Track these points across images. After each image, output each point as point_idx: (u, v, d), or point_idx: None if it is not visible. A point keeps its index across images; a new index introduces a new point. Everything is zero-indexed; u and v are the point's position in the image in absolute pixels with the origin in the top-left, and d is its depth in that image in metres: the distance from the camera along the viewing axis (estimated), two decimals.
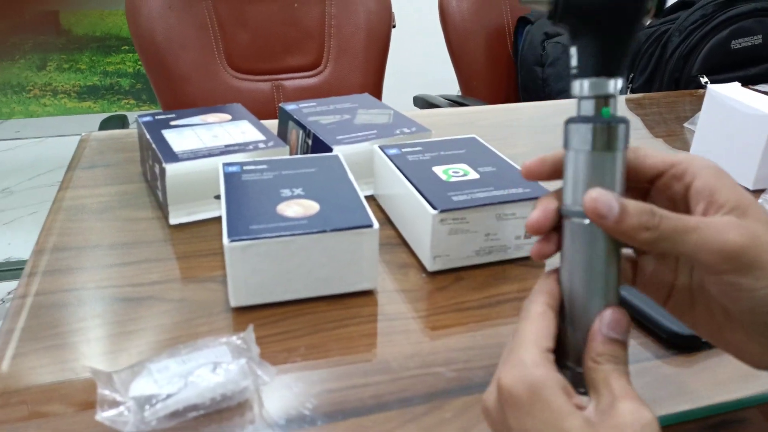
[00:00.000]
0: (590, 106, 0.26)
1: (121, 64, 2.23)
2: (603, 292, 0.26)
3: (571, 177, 0.27)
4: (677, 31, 1.04)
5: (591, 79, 0.26)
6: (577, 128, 0.27)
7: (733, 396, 0.36)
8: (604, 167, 0.26)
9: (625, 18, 0.25)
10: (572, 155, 0.27)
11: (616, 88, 0.26)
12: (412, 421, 0.33)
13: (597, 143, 0.26)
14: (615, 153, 0.26)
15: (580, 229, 0.26)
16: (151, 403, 0.31)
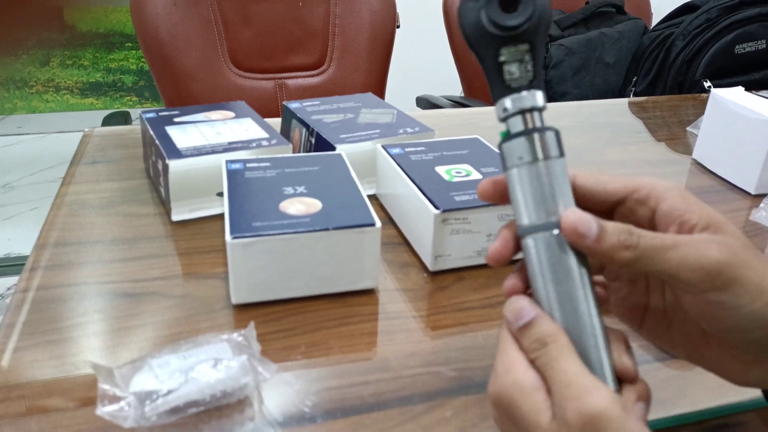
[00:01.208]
0: (518, 121, 0.27)
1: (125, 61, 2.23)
2: (583, 299, 0.26)
3: (520, 195, 0.27)
4: (681, 35, 1.04)
5: (512, 95, 0.27)
6: (511, 145, 0.27)
7: (732, 399, 0.36)
8: (550, 176, 0.26)
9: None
10: (515, 173, 0.27)
11: (536, 101, 0.27)
12: (411, 419, 0.33)
13: (536, 153, 0.26)
14: (554, 160, 0.26)
15: (541, 243, 0.26)
16: (151, 399, 0.31)
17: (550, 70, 1.14)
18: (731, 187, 0.64)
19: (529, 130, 0.27)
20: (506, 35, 0.26)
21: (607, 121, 0.82)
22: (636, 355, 0.38)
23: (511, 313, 0.26)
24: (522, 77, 0.26)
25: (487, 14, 0.26)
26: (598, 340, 0.26)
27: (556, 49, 1.12)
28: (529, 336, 0.25)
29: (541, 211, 0.26)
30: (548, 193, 0.26)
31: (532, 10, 0.25)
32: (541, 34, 0.26)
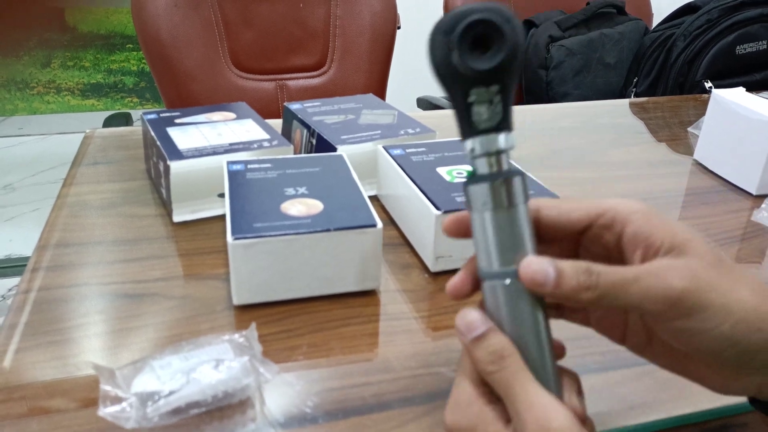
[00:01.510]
0: (484, 163, 0.26)
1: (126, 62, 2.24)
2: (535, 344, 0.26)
3: (482, 239, 0.26)
4: (682, 35, 1.04)
5: (480, 137, 0.26)
6: (476, 189, 0.26)
7: (734, 400, 0.35)
8: (513, 223, 0.26)
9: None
10: (478, 217, 0.26)
11: (504, 143, 0.26)
12: (413, 420, 0.33)
13: (501, 200, 0.26)
14: (517, 207, 0.26)
15: (499, 289, 0.26)
16: (153, 400, 0.31)
17: (550, 71, 1.14)
18: (732, 188, 0.64)
19: (495, 175, 0.26)
20: (477, 76, 0.25)
21: (608, 122, 0.82)
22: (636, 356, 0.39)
23: (463, 325, 0.26)
24: (491, 119, 0.26)
25: (458, 53, 0.25)
26: (551, 384, 0.26)
27: (556, 50, 1.13)
28: (483, 348, 0.25)
29: (502, 258, 0.26)
30: (510, 241, 0.26)
31: (506, 52, 0.24)
32: (514, 75, 0.25)
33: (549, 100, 1.15)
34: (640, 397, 0.35)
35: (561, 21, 1.16)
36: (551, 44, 1.13)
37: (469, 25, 0.24)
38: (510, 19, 0.25)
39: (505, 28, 0.24)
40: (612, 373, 0.37)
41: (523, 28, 0.26)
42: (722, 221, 0.57)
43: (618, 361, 0.38)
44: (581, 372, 0.37)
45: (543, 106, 0.90)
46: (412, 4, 1.59)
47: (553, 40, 1.14)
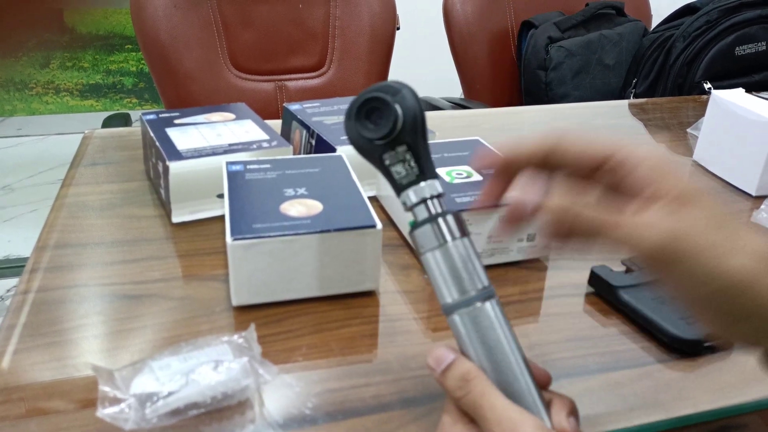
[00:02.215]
0: (420, 210, 0.30)
1: (124, 63, 2.23)
2: (505, 364, 0.28)
3: (438, 276, 0.29)
4: (681, 36, 1.04)
5: (407, 191, 0.30)
6: (418, 233, 0.30)
7: (733, 401, 0.35)
8: (460, 255, 0.29)
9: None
10: (429, 257, 0.29)
11: (429, 191, 0.30)
12: (413, 421, 0.33)
13: (443, 236, 0.29)
14: (459, 240, 0.29)
15: (465, 317, 0.28)
16: (152, 401, 0.31)
17: (549, 72, 1.14)
18: (732, 189, 0.64)
19: (431, 218, 0.29)
20: (379, 144, 0.30)
21: (608, 123, 0.82)
22: (637, 356, 0.39)
23: (433, 361, 0.28)
24: (409, 174, 0.30)
25: (358, 129, 0.30)
26: (531, 389, 0.28)
27: (556, 50, 1.13)
28: (450, 377, 0.27)
29: (460, 288, 0.29)
30: (462, 270, 0.29)
31: (393, 120, 0.29)
32: (417, 133, 0.29)
33: (548, 101, 1.15)
34: (640, 398, 0.35)
35: (560, 22, 1.17)
36: (550, 45, 1.13)
37: (360, 105, 0.30)
38: (398, 92, 0.29)
39: (390, 99, 0.29)
40: (612, 373, 0.37)
41: (415, 95, 0.30)
42: None
43: (618, 362, 0.38)
44: (581, 373, 0.37)
45: (542, 107, 0.90)
46: (411, 5, 1.59)
47: (552, 41, 1.14)
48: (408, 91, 0.30)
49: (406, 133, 0.29)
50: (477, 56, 1.21)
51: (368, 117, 0.30)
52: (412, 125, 0.29)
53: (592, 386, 0.36)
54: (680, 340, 0.38)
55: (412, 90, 0.30)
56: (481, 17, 1.19)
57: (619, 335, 0.41)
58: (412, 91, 0.30)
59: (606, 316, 0.43)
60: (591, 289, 0.45)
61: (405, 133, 0.29)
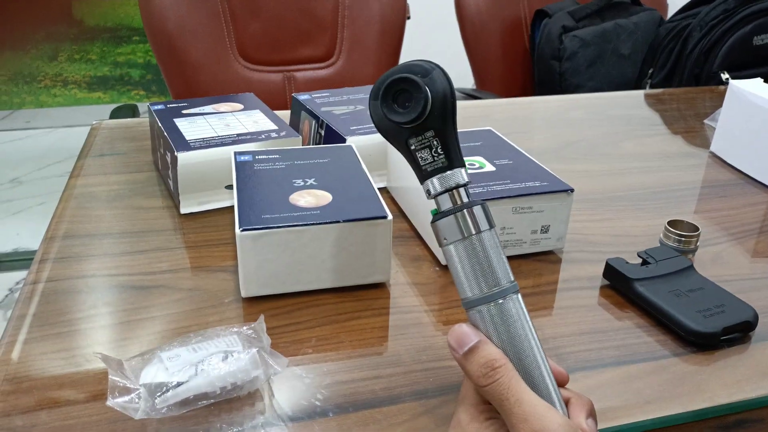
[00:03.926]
0: (444, 199, 0.29)
1: (132, 55, 2.24)
2: (529, 360, 0.27)
3: (460, 270, 0.28)
4: (698, 26, 1.02)
5: (432, 178, 0.28)
6: (441, 224, 0.28)
7: (751, 395, 0.35)
8: (484, 249, 0.28)
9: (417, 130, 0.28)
10: (451, 249, 0.28)
11: (459, 178, 0.28)
12: (424, 413, 0.33)
13: (467, 229, 0.28)
14: (484, 234, 0.28)
15: (486, 313, 0.28)
16: (161, 391, 0.31)
17: (564, 62, 1.12)
18: (750, 181, 0.62)
19: (456, 208, 0.28)
20: (406, 128, 0.28)
21: (623, 114, 0.80)
22: (653, 349, 0.38)
23: (455, 341, 0.27)
24: (435, 161, 0.28)
25: (384, 112, 0.28)
26: (553, 387, 0.28)
27: (570, 40, 1.11)
28: (475, 361, 0.26)
29: (485, 283, 0.28)
30: (487, 265, 0.28)
31: (422, 104, 0.27)
32: (446, 117, 0.28)
33: (562, 92, 1.14)
34: (656, 392, 0.35)
35: (574, 11, 1.15)
36: (564, 35, 1.11)
37: (388, 85, 0.28)
38: (428, 72, 0.27)
39: (420, 81, 0.27)
40: (628, 367, 0.36)
41: (445, 76, 0.28)
42: (739, 214, 0.56)
43: (634, 355, 0.37)
44: (596, 366, 0.36)
45: (556, 98, 0.89)
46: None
47: (567, 30, 1.12)
48: (439, 72, 0.28)
49: (434, 117, 0.28)
50: (489, 46, 1.19)
51: (395, 98, 0.28)
52: (441, 110, 0.28)
53: (607, 379, 0.35)
54: (697, 334, 0.38)
55: (443, 71, 0.28)
56: (493, 6, 1.17)
57: (634, 328, 0.40)
58: (443, 72, 0.28)
59: (621, 309, 0.42)
60: (606, 281, 0.44)
61: (434, 117, 0.28)
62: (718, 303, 0.40)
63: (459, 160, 0.29)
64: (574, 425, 0.24)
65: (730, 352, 0.38)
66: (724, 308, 0.39)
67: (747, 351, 0.38)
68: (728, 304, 0.40)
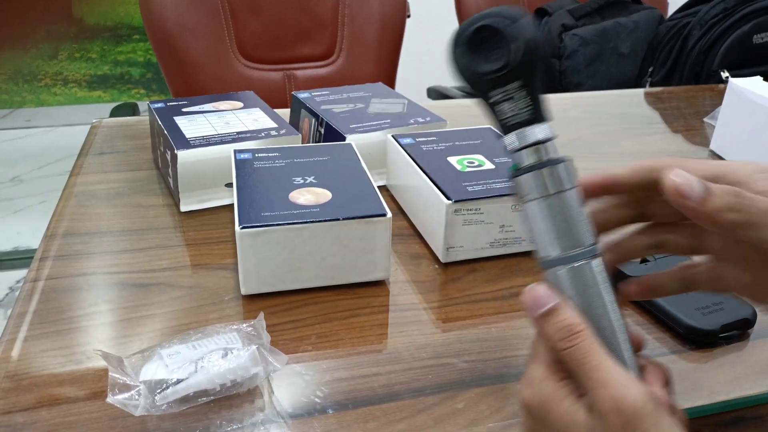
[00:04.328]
0: (525, 155, 0.27)
1: (132, 54, 2.24)
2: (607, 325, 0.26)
3: (539, 228, 0.27)
4: (698, 24, 1.02)
5: (514, 132, 0.27)
6: (521, 180, 0.27)
7: (750, 392, 0.35)
8: (565, 209, 0.26)
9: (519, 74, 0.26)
10: (530, 208, 0.27)
11: (542, 134, 0.27)
12: (423, 411, 0.33)
13: (547, 188, 0.26)
14: (566, 193, 0.26)
15: (566, 275, 0.26)
16: (161, 388, 0.31)
17: (564, 61, 1.12)
18: None
19: (537, 165, 0.27)
20: (489, 78, 0.26)
21: (622, 112, 0.80)
22: (651, 347, 0.38)
23: (530, 300, 0.26)
24: (520, 114, 0.26)
25: (468, 60, 0.26)
26: (630, 355, 0.26)
27: (570, 39, 1.11)
28: (552, 324, 0.25)
29: (566, 243, 0.26)
30: (570, 224, 0.26)
31: (508, 53, 0.25)
32: (536, 68, 0.26)
33: (562, 90, 1.14)
34: None
35: (574, 9, 1.14)
36: (564, 33, 1.11)
37: (474, 31, 0.26)
38: (516, 19, 0.25)
39: (509, 29, 0.25)
40: None
41: (534, 24, 0.26)
42: None
43: None
44: None
45: (555, 96, 0.89)
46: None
47: (566, 29, 1.12)
48: (528, 18, 0.26)
49: (522, 67, 0.25)
50: None
51: (479, 46, 0.26)
52: (529, 59, 0.26)
53: None
54: (695, 331, 0.38)
55: (531, 17, 0.26)
56: (493, 4, 1.17)
57: (632, 325, 0.40)
58: (532, 18, 0.26)
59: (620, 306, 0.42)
60: None
61: (521, 67, 0.25)
62: (716, 300, 0.40)
63: (544, 114, 0.27)
64: (651, 394, 0.23)
65: (729, 350, 0.38)
66: (723, 306, 0.39)
67: (745, 348, 0.38)
68: (726, 301, 0.40)
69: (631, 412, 0.22)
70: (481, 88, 0.27)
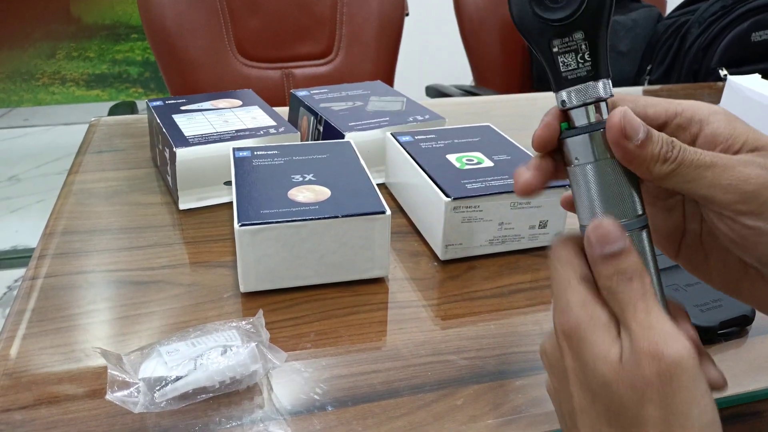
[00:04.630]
0: (579, 114, 0.25)
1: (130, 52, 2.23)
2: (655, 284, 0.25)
3: (584, 193, 0.25)
4: (696, 22, 1.02)
5: (571, 88, 0.25)
6: (572, 142, 0.25)
7: (747, 388, 0.35)
8: (617, 174, 0.25)
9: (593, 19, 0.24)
10: (588, 169, 0.25)
11: (602, 91, 0.25)
12: (422, 407, 0.33)
13: (599, 151, 0.25)
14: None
15: None
16: (160, 385, 0.31)
17: None
18: None
19: (594, 126, 0.25)
20: (554, 26, 0.25)
21: None
22: None
23: (598, 237, 0.24)
24: (580, 68, 0.25)
25: (532, 5, 0.25)
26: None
27: None
28: (613, 265, 0.23)
29: (616, 212, 0.25)
30: (621, 192, 0.25)
31: (579, 0, 0.24)
32: (601, 19, 0.24)
33: None
34: None
35: None
36: None
37: None
38: None
39: None
40: None
41: None
42: None
43: None
44: None
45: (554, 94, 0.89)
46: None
47: None
48: None
49: (589, 16, 0.24)
50: (488, 42, 1.19)
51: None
52: (598, 9, 0.24)
53: None
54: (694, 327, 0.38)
55: None
56: (492, 2, 1.17)
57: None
58: None
59: None
60: None
61: (588, 16, 0.24)
62: (715, 297, 0.40)
63: (606, 70, 0.25)
64: (696, 352, 0.22)
65: (727, 346, 0.38)
66: (721, 302, 0.39)
67: (744, 345, 0.38)
68: (725, 298, 0.40)
69: (670, 362, 0.21)
70: (542, 36, 0.25)
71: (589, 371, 0.23)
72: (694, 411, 0.21)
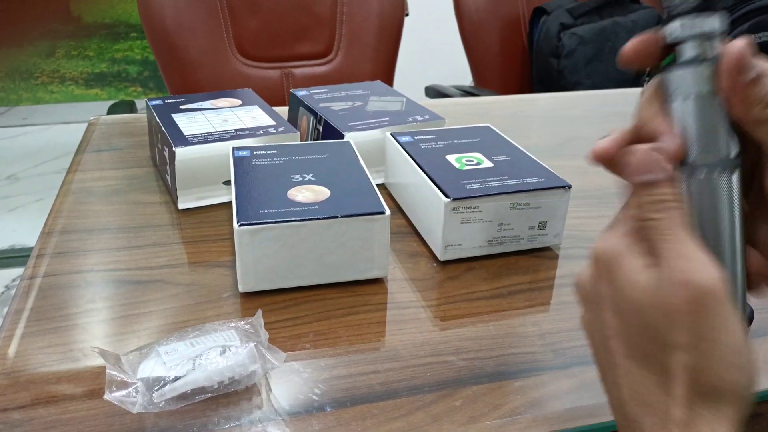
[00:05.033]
0: (686, 48, 0.24)
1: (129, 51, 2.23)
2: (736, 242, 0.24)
3: (690, 128, 0.24)
4: None
5: (686, 17, 0.24)
6: (681, 74, 0.24)
7: None
8: (720, 109, 0.24)
9: None
10: (690, 103, 0.24)
11: (711, 25, 0.24)
12: (421, 408, 0.33)
13: (706, 85, 0.24)
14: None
15: (708, 180, 0.24)
16: (159, 385, 0.31)
17: (562, 60, 1.12)
18: None
19: (701, 58, 0.24)
20: None
21: (621, 111, 0.81)
22: None
23: (638, 162, 0.23)
24: (687, 0, 0.24)
25: None
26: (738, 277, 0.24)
27: (568, 38, 1.11)
28: (652, 193, 0.23)
29: (714, 147, 0.24)
30: (713, 131, 0.24)
31: None
32: None
33: (560, 89, 1.14)
34: None
35: (573, 8, 1.15)
36: (563, 32, 1.12)
37: None
38: None
39: None
40: None
41: None
42: None
43: None
44: (584, 363, 0.37)
45: (554, 95, 0.89)
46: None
47: (565, 27, 1.12)
48: None
49: None
50: (488, 43, 1.19)
51: None
52: None
53: (596, 377, 0.35)
54: None
55: None
56: (492, 3, 1.18)
57: None
58: None
59: None
60: None
61: None
62: None
63: (714, 4, 0.24)
64: (726, 290, 0.21)
65: None
66: None
67: None
68: None
69: (701, 290, 0.21)
70: None
71: (622, 296, 0.23)
72: (723, 337, 0.21)
